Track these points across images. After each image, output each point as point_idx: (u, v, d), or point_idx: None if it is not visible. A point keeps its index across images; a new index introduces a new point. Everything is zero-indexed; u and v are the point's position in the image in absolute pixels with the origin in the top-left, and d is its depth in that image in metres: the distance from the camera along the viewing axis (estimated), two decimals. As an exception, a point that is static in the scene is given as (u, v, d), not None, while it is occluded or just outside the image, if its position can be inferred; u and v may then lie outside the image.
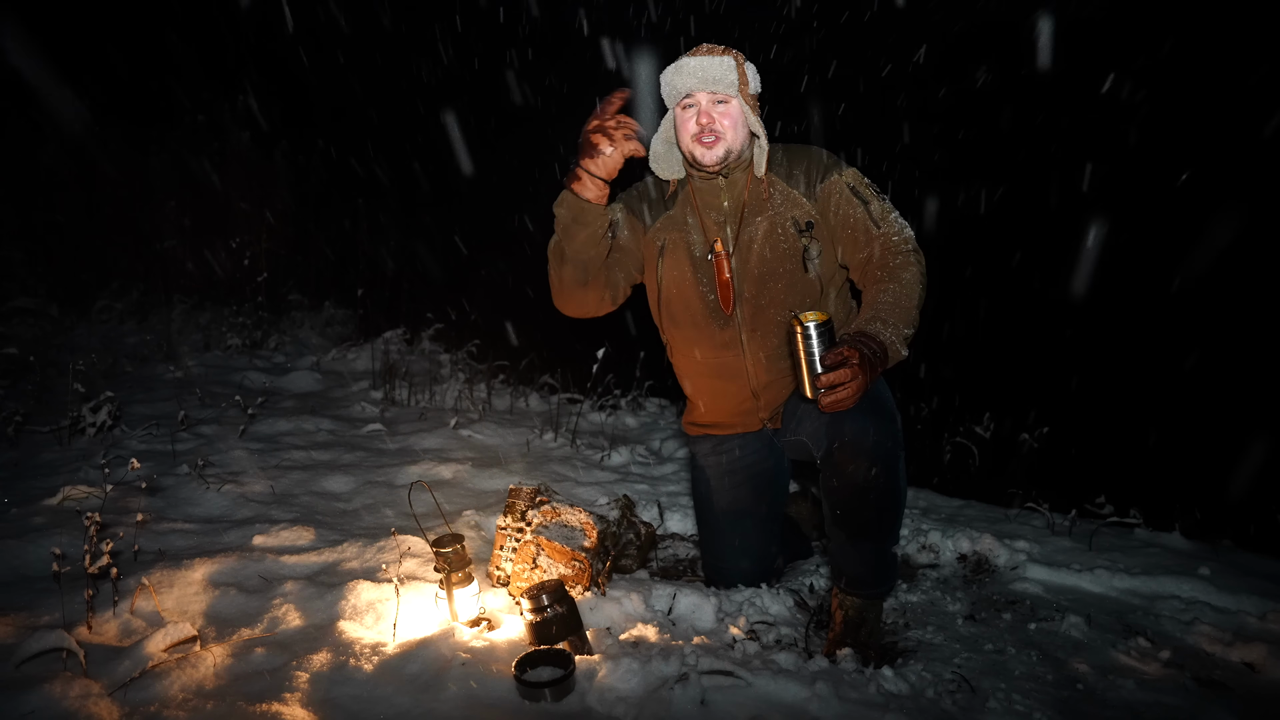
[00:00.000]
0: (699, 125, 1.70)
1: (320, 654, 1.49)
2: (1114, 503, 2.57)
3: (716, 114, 1.70)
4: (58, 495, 2.21)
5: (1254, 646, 1.77)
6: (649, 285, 1.93)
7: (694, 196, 1.83)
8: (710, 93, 1.69)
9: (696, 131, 1.70)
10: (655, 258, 1.88)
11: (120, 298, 4.95)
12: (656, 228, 1.88)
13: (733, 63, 1.68)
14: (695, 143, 1.71)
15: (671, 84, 1.71)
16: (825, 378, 1.45)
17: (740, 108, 1.71)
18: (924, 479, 3.17)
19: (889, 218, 1.71)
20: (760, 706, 1.41)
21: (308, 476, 2.69)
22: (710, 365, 1.90)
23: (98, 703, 1.30)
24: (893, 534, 1.69)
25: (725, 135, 1.70)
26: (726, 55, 1.69)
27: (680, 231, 1.85)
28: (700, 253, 1.83)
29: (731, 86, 1.68)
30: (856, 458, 1.56)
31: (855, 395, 1.46)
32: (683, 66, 1.69)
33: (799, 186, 1.78)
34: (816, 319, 1.48)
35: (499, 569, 1.92)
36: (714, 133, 1.69)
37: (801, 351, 1.50)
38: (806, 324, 1.48)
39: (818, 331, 1.48)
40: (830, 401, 1.46)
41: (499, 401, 4.04)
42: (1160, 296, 5.23)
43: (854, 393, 1.46)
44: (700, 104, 1.70)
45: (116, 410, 2.94)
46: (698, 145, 1.71)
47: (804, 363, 1.50)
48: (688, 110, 1.72)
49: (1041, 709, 1.51)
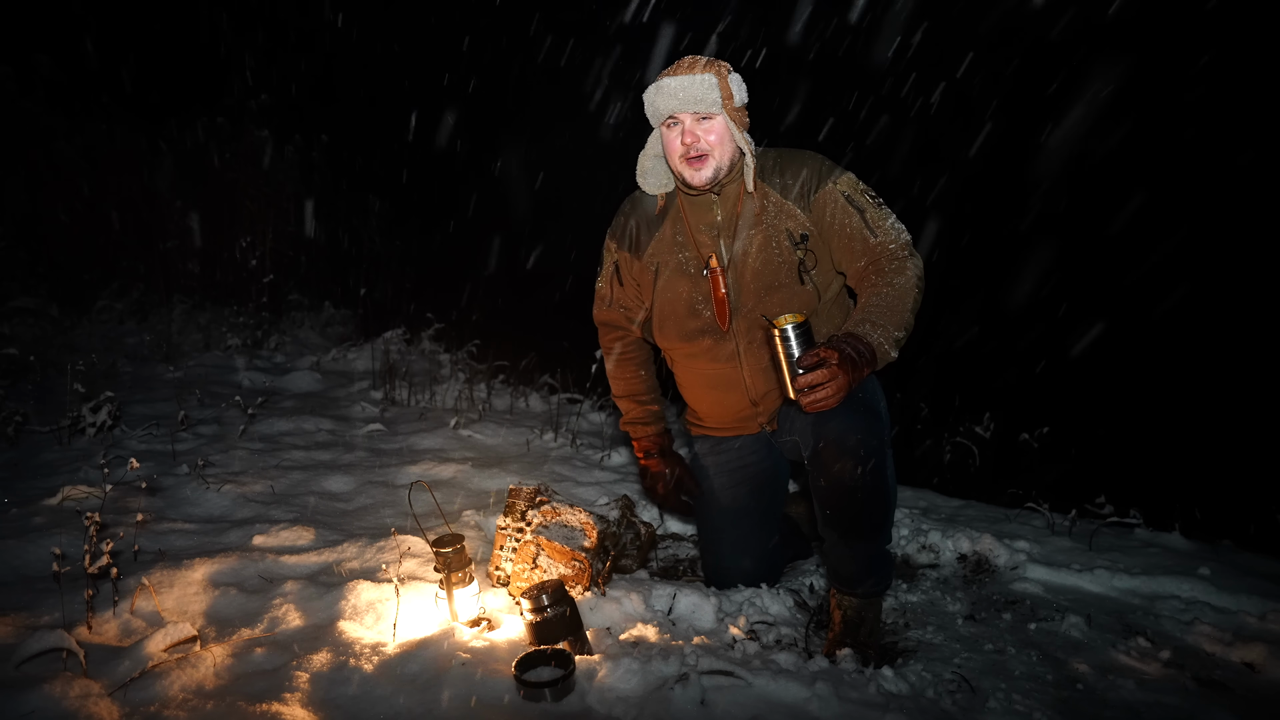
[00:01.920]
0: (684, 145, 1.68)
1: (320, 654, 1.49)
2: (1114, 503, 2.57)
3: (701, 132, 1.67)
4: (58, 495, 2.21)
5: (1254, 646, 1.77)
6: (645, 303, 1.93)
7: (685, 213, 1.81)
8: (693, 113, 1.66)
9: (683, 151, 1.68)
10: (651, 281, 1.87)
11: (120, 298, 4.95)
12: (649, 253, 1.87)
13: (714, 79, 1.64)
14: (684, 163, 1.69)
15: (653, 104, 1.69)
16: (803, 378, 1.45)
17: (725, 124, 1.68)
18: (924, 479, 3.17)
19: (885, 224, 1.69)
20: (760, 706, 1.41)
21: (308, 476, 2.69)
22: (708, 377, 1.90)
23: (98, 703, 1.30)
24: (883, 533, 1.69)
25: (712, 153, 1.68)
26: (708, 71, 1.65)
27: (672, 251, 1.84)
28: (694, 269, 1.81)
29: (715, 105, 1.65)
30: (842, 457, 1.56)
31: (836, 395, 1.44)
32: (663, 87, 1.65)
33: (792, 196, 1.74)
34: (793, 320, 1.47)
35: (499, 569, 1.92)
36: (700, 151, 1.67)
37: (780, 354, 1.49)
38: (783, 327, 1.47)
39: (795, 333, 1.47)
40: (810, 401, 1.45)
41: (499, 401, 4.04)
42: (1160, 297, 5.23)
43: (834, 392, 1.44)
44: (684, 124, 1.68)
45: (116, 410, 2.94)
46: (686, 166, 1.69)
47: (783, 364, 1.49)
48: (672, 129, 1.70)
49: (1041, 709, 1.51)
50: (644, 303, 1.93)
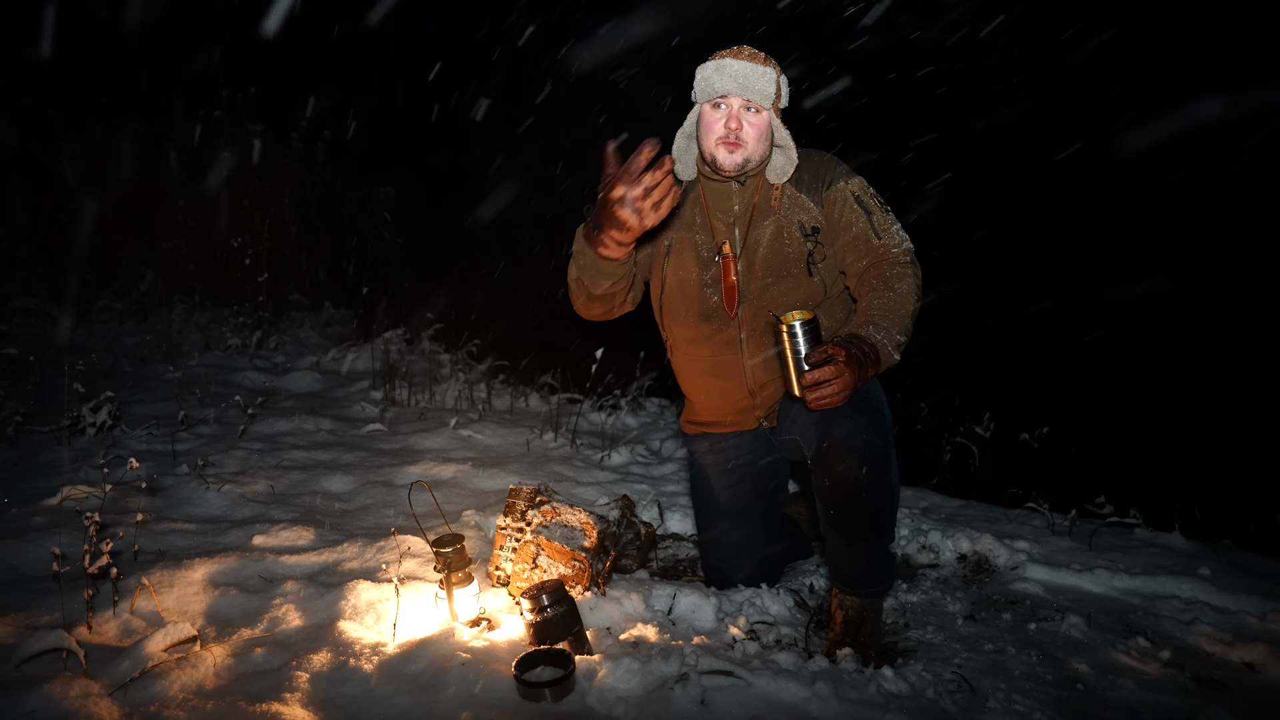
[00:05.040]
0: (726, 129, 1.68)
1: (320, 654, 1.49)
2: (1114, 503, 2.57)
3: (747, 121, 1.69)
4: (58, 495, 2.21)
5: (1254, 646, 1.77)
6: (653, 282, 1.94)
7: (705, 198, 1.84)
8: (744, 99, 1.68)
9: (723, 134, 1.69)
10: (662, 256, 1.88)
11: (120, 298, 4.95)
12: (665, 228, 1.88)
13: (774, 74, 1.67)
14: (719, 145, 1.70)
15: (709, 81, 1.69)
16: (810, 375, 1.45)
17: (770, 121, 1.71)
18: (924, 479, 3.17)
19: (891, 229, 1.72)
20: (760, 706, 1.41)
21: (308, 476, 2.69)
22: (709, 364, 1.91)
23: (98, 703, 1.29)
24: (887, 533, 1.70)
25: (749, 144, 1.70)
26: (769, 65, 1.68)
27: (688, 231, 1.86)
28: (707, 254, 1.83)
29: (768, 99, 1.68)
30: (847, 457, 1.56)
31: (842, 393, 1.45)
32: (725, 67, 1.66)
33: (806, 191, 1.79)
34: (802, 317, 1.47)
35: (499, 569, 1.92)
36: (739, 139, 1.68)
37: (788, 350, 1.49)
38: (792, 323, 1.47)
39: (803, 330, 1.47)
40: (816, 398, 1.45)
41: (499, 401, 4.04)
42: (1160, 296, 5.22)
43: (840, 390, 1.44)
44: (732, 108, 1.69)
45: (116, 410, 2.94)
46: (721, 148, 1.70)
47: (790, 361, 1.49)
48: (718, 110, 1.70)
49: (1041, 709, 1.51)
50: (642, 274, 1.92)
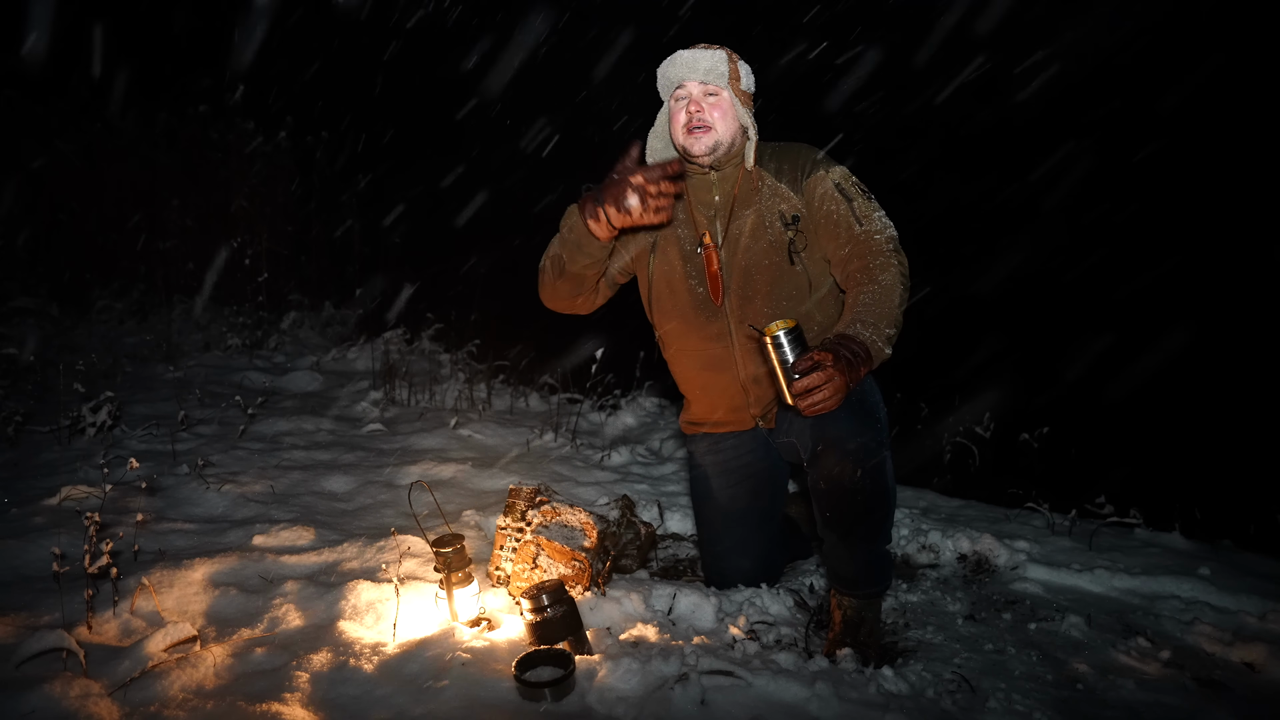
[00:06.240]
0: (688, 114, 1.74)
1: (320, 654, 1.49)
2: (1114, 503, 2.56)
3: (707, 105, 1.74)
4: (58, 495, 2.21)
5: (1254, 646, 1.77)
6: (640, 279, 1.95)
7: (686, 192, 1.86)
8: (701, 83, 1.74)
9: (686, 121, 1.74)
10: (647, 253, 1.90)
11: (120, 298, 4.95)
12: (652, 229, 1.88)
13: (724, 55, 1.74)
14: (685, 133, 1.75)
15: (665, 75, 1.77)
16: (800, 383, 1.43)
17: (730, 99, 1.75)
18: (924, 479, 3.16)
19: (873, 216, 1.72)
20: (760, 706, 1.41)
21: (308, 476, 2.69)
22: (700, 358, 1.91)
23: (98, 703, 1.30)
24: (883, 534, 1.70)
25: (715, 126, 1.74)
26: (719, 50, 1.75)
27: (672, 226, 1.87)
28: (690, 246, 1.85)
29: (722, 78, 1.74)
30: (842, 460, 1.56)
31: (835, 397, 1.43)
32: (675, 58, 1.75)
33: (786, 179, 1.81)
34: (784, 326, 1.45)
35: (499, 569, 1.92)
36: (703, 122, 1.73)
37: (774, 361, 1.47)
38: (775, 333, 1.45)
39: (787, 338, 1.45)
40: (808, 405, 1.43)
41: (499, 401, 4.04)
42: (1160, 296, 5.23)
43: (832, 394, 1.43)
44: (691, 94, 1.75)
45: (116, 410, 2.94)
46: (688, 135, 1.75)
47: (779, 371, 1.47)
48: (679, 102, 1.76)
49: (1041, 709, 1.51)
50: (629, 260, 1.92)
